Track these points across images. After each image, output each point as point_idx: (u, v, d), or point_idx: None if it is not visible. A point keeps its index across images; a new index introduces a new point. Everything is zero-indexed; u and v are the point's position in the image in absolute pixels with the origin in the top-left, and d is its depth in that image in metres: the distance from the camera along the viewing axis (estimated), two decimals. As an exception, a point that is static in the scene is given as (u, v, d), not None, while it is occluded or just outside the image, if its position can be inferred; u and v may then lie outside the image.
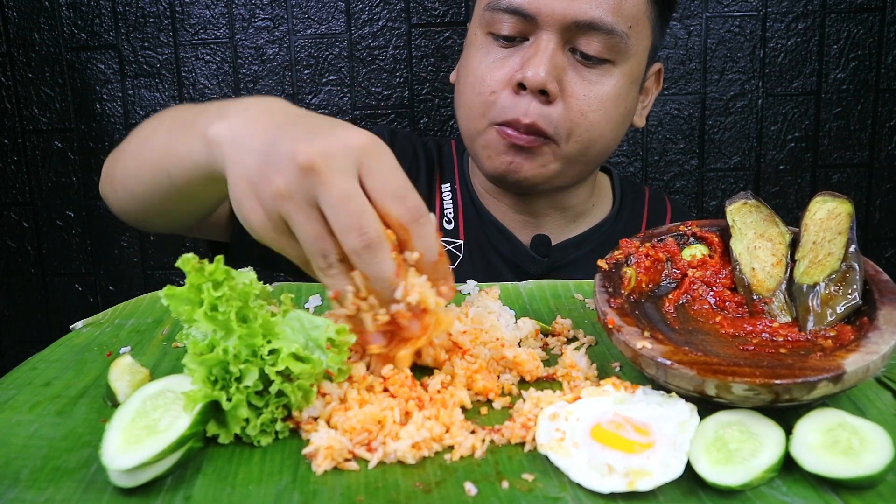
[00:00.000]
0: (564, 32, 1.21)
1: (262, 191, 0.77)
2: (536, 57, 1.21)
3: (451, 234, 1.44)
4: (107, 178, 1.20)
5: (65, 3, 1.88)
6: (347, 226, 0.73)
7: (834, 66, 1.95)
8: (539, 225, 1.43)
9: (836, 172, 2.02)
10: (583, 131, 1.26)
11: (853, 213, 0.82)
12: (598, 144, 1.29)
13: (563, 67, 1.23)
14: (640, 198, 1.53)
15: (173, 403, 0.67)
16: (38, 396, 0.78)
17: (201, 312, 0.71)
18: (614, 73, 1.26)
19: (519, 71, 1.23)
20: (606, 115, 1.27)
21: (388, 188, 0.75)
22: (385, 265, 0.74)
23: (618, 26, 1.21)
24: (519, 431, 0.70)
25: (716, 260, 0.87)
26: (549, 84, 1.20)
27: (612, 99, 1.27)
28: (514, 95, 1.24)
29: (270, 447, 0.69)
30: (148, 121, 1.14)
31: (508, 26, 1.24)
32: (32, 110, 1.94)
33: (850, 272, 0.78)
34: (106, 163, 1.22)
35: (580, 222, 1.45)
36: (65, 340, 0.92)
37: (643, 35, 1.27)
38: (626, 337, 0.74)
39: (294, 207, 0.75)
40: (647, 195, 1.54)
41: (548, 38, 1.21)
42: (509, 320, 0.88)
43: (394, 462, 0.67)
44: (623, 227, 1.47)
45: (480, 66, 1.28)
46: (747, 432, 0.66)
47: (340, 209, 0.73)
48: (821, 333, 0.76)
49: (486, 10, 1.26)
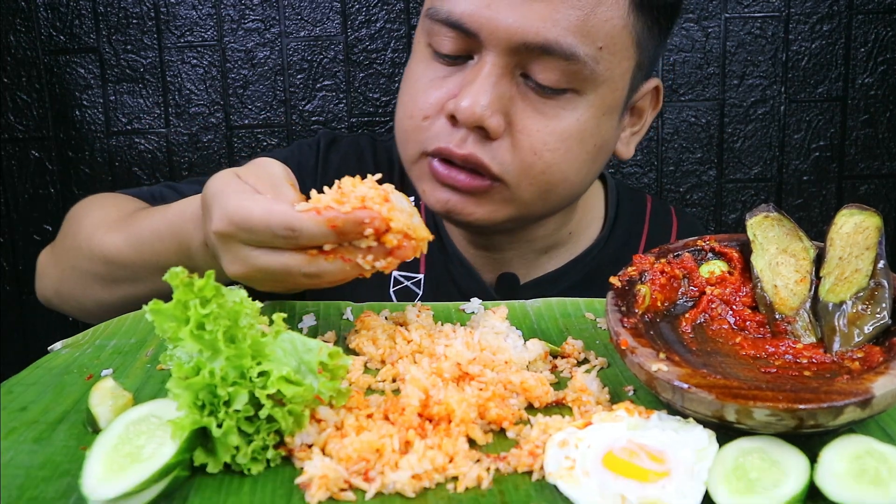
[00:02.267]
0: (513, 55, 1.05)
1: (232, 273, 0.90)
2: (475, 84, 1.05)
3: (411, 267, 1.32)
4: (50, 282, 1.26)
5: (42, 4, 1.90)
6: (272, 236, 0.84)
7: (861, 70, 1.96)
8: (504, 261, 1.31)
9: (863, 183, 2.02)
10: (537, 173, 1.10)
11: (882, 227, 0.82)
12: (561, 188, 1.14)
13: (510, 97, 1.07)
14: (640, 213, 1.41)
15: (158, 429, 0.68)
16: (14, 422, 0.78)
17: (187, 331, 0.71)
18: (579, 105, 1.09)
19: (453, 99, 1.07)
20: (568, 154, 1.10)
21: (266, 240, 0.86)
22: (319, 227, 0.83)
23: (581, 49, 1.04)
24: (526, 459, 0.70)
25: (735, 277, 0.88)
26: (489, 120, 1.05)
27: (576, 135, 1.10)
28: (449, 125, 1.09)
29: (261, 476, 0.70)
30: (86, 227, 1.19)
31: (449, 42, 1.09)
32: (8, 118, 1.95)
33: (878, 290, 0.79)
34: (46, 269, 1.28)
35: (555, 254, 1.33)
36: (42, 362, 0.92)
37: (622, 55, 1.09)
38: (640, 359, 0.74)
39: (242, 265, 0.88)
40: (649, 208, 1.42)
41: (493, 62, 1.05)
42: (517, 341, 0.88)
43: (392, 493, 0.67)
44: (613, 255, 1.32)
45: (417, 85, 1.14)
46: (769, 460, 0.66)
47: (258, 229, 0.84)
48: (847, 355, 0.76)
49: (426, 17, 1.12)
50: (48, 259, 1.28)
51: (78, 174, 1.97)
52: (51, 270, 1.26)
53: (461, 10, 1.05)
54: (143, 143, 1.97)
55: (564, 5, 1.03)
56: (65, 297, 1.24)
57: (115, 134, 1.96)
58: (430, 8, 1.10)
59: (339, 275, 0.86)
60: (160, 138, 1.96)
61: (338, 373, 0.75)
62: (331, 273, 0.85)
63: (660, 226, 1.40)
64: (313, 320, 0.99)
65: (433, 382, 0.78)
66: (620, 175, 2.00)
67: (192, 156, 1.98)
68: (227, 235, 0.86)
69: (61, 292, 1.24)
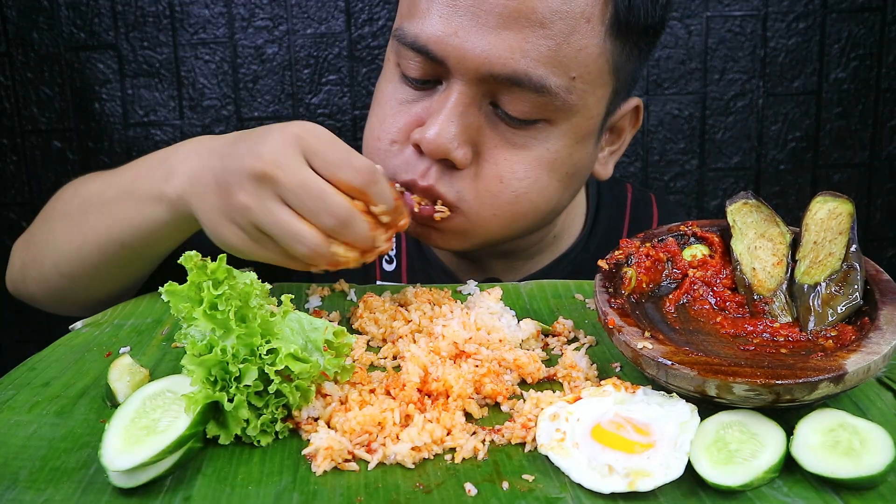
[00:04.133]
0: (481, 84, 0.96)
1: (231, 212, 0.85)
2: (442, 114, 0.96)
3: (392, 276, 1.25)
4: (21, 266, 1.17)
5: (64, 3, 1.88)
6: (316, 209, 0.81)
7: (835, 65, 1.95)
8: (487, 269, 1.23)
9: (836, 172, 2.02)
10: (503, 203, 1.01)
11: (854, 213, 0.82)
12: (531, 216, 1.05)
13: (478, 127, 0.98)
14: (622, 204, 1.33)
15: (173, 404, 0.67)
16: (38, 397, 0.78)
17: (200, 311, 0.71)
18: (551, 135, 1.00)
19: (419, 129, 0.99)
20: (537, 183, 1.01)
21: (333, 160, 0.82)
22: (361, 230, 0.83)
23: (552, 81, 0.94)
24: (519, 432, 0.70)
25: (716, 260, 0.87)
26: (455, 152, 0.96)
27: (548, 164, 1.01)
28: (416, 154, 1.00)
29: (270, 447, 0.69)
30: (57, 203, 1.14)
31: (416, 67, 0.99)
32: (31, 110, 1.94)
33: (851, 272, 0.78)
34: (16, 252, 1.19)
35: (539, 258, 1.25)
36: (64, 340, 0.92)
37: (597, 83, 0.99)
38: (626, 337, 0.74)
39: (261, 209, 0.82)
40: (630, 197, 1.34)
41: (460, 90, 0.96)
42: (511, 321, 0.88)
43: (393, 464, 0.67)
44: (596, 251, 1.21)
45: (385, 107, 1.04)
46: (748, 433, 0.66)
47: (303, 196, 0.81)
48: (822, 334, 0.76)
49: (394, 38, 1.02)
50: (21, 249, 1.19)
51: (97, 164, 1.97)
52: (23, 254, 1.18)
53: (427, 35, 0.96)
54: (159, 135, 1.96)
55: (535, 35, 0.93)
56: (43, 271, 1.13)
57: (133, 126, 1.95)
58: (398, 29, 1.00)
59: (363, 237, 0.83)
60: (175, 130, 1.96)
61: (342, 350, 0.75)
62: (362, 230, 0.83)
63: (641, 214, 1.34)
64: (319, 301, 0.99)
65: (432, 360, 0.78)
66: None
67: (205, 146, 1.97)
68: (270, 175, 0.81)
69: (39, 268, 1.14)
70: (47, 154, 1.97)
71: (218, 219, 0.87)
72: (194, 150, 0.93)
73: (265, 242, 0.85)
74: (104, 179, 1.07)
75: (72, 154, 1.97)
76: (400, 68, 1.02)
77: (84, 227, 1.04)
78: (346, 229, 0.82)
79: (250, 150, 0.83)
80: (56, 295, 1.12)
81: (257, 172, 0.81)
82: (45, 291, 1.13)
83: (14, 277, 1.19)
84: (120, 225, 0.99)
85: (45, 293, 1.14)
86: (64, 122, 1.95)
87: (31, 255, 1.14)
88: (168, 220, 0.95)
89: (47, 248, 1.10)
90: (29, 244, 1.16)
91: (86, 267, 1.05)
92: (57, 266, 1.09)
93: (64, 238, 1.07)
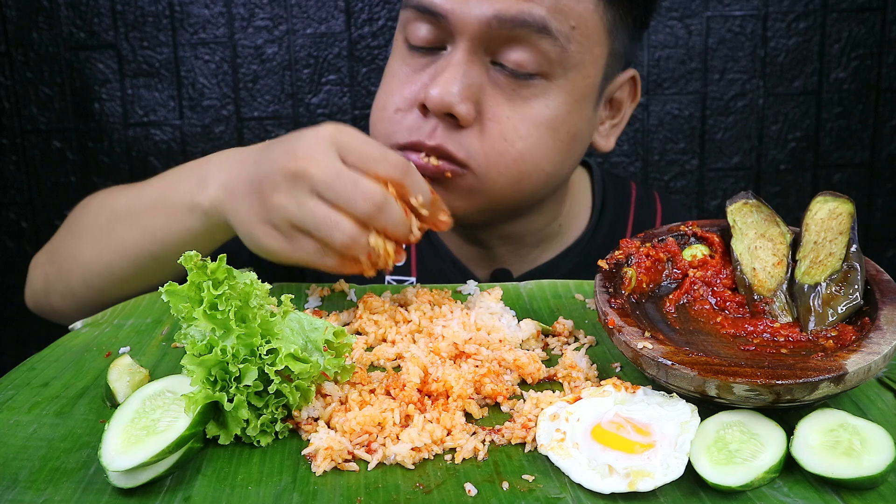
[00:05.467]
0: (484, 40, 1.02)
1: (267, 213, 0.86)
2: (446, 72, 1.02)
3: (403, 270, 1.27)
4: (45, 282, 1.17)
5: (63, 3, 1.88)
6: (350, 195, 0.83)
7: (835, 65, 1.95)
8: (496, 258, 1.25)
9: (837, 172, 2.02)
10: (509, 161, 1.05)
11: (854, 213, 0.82)
12: (535, 177, 1.09)
13: (480, 85, 1.04)
14: (626, 200, 1.35)
15: (173, 404, 0.67)
16: (37, 397, 0.78)
17: (200, 311, 0.71)
18: (550, 91, 1.05)
19: (423, 89, 1.04)
20: (540, 141, 1.06)
21: (368, 155, 0.85)
22: (396, 214, 0.85)
23: (553, 24, 1.00)
24: (519, 432, 0.70)
25: (717, 260, 0.87)
26: (458, 106, 1.01)
27: (548, 122, 1.06)
28: (421, 117, 1.06)
29: (270, 448, 0.69)
30: (82, 217, 1.15)
31: (423, 32, 1.05)
32: (31, 110, 1.94)
33: (851, 272, 0.78)
34: (38, 268, 1.19)
35: (546, 247, 1.27)
36: (64, 341, 0.92)
37: (593, 40, 1.06)
38: (626, 337, 0.74)
39: (296, 205, 0.84)
40: (634, 195, 1.37)
41: (463, 49, 1.02)
42: (511, 321, 0.88)
43: (393, 464, 0.67)
44: (602, 243, 1.27)
45: (392, 81, 1.11)
46: (748, 433, 0.66)
47: (336, 186, 0.83)
48: (822, 334, 0.76)
49: (403, 7, 1.10)
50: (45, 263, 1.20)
51: (97, 163, 1.97)
52: (47, 269, 1.18)
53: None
54: (159, 134, 1.96)
55: None
56: (69, 285, 1.14)
57: (132, 125, 1.95)
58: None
59: (399, 221, 0.85)
60: (175, 130, 1.96)
61: (342, 350, 0.75)
62: (398, 213, 0.85)
63: (645, 212, 1.36)
64: (318, 301, 0.99)
65: (432, 360, 0.78)
66: (608, 165, 2.00)
67: (204, 146, 1.97)
68: (304, 171, 0.83)
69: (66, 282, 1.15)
70: (47, 154, 1.97)
71: (254, 222, 0.88)
72: (227, 160, 0.96)
73: (301, 241, 0.86)
74: (132, 191, 1.09)
75: (71, 154, 1.97)
76: (408, 42, 1.09)
77: (114, 239, 1.06)
78: (381, 214, 0.84)
79: (285, 151, 0.86)
80: (83, 308, 1.12)
81: (292, 171, 0.84)
82: (71, 305, 1.14)
83: (36, 293, 1.20)
84: (152, 236, 1.01)
85: (71, 307, 1.14)
86: (64, 121, 1.95)
87: (56, 269, 1.15)
88: (201, 230, 0.97)
89: (74, 262, 1.11)
90: (53, 259, 1.17)
91: (116, 279, 1.07)
92: (86, 280, 1.10)
93: (92, 251, 1.08)
